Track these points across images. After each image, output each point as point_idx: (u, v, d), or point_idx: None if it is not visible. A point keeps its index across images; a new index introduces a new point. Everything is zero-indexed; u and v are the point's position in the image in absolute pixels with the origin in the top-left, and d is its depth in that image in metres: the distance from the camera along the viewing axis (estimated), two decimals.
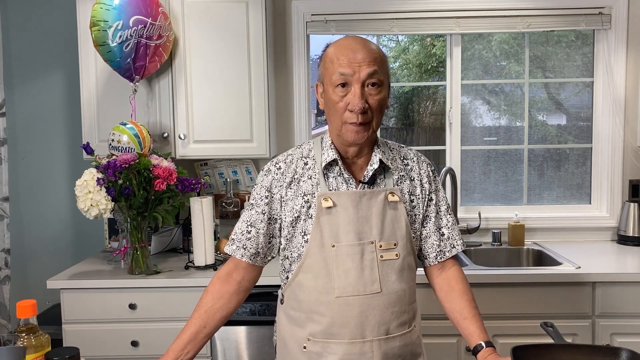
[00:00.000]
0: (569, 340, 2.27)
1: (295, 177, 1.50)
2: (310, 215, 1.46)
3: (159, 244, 2.83)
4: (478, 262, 2.68)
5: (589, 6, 2.92)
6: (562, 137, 3.14)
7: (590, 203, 3.11)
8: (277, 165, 1.54)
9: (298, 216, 1.47)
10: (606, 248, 2.85)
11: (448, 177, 2.94)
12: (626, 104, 2.96)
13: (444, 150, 3.12)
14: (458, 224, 2.94)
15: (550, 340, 1.44)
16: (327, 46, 1.49)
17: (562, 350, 1.37)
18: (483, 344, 1.41)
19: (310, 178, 1.50)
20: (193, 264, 2.53)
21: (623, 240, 2.91)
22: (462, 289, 1.54)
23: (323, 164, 1.49)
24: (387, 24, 2.97)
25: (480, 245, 2.93)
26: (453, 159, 3.10)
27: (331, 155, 1.48)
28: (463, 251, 2.77)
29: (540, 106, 3.14)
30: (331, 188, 1.48)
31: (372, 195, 1.47)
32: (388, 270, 1.45)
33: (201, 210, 2.46)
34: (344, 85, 1.41)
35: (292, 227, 1.49)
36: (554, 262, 2.59)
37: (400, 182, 1.52)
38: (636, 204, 2.88)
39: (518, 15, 2.94)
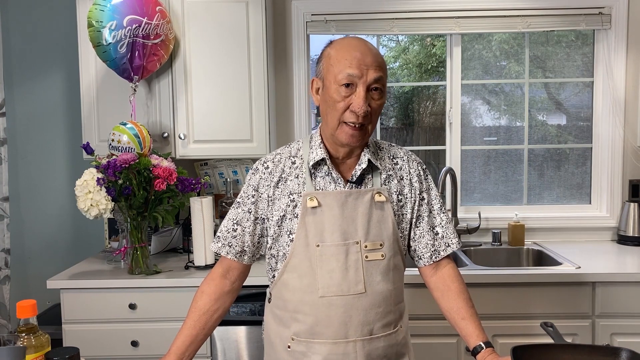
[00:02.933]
0: (569, 340, 2.27)
1: (283, 176, 1.50)
2: (295, 215, 1.46)
3: (159, 244, 2.83)
4: (478, 262, 2.68)
5: (589, 6, 2.92)
6: (562, 137, 3.14)
7: (590, 203, 3.11)
8: (265, 164, 1.54)
9: (284, 215, 1.47)
10: (606, 248, 2.85)
11: (448, 177, 2.94)
12: (626, 104, 2.96)
13: (444, 150, 3.12)
14: (458, 224, 2.96)
15: (550, 340, 1.44)
16: (330, 43, 1.48)
17: (562, 350, 1.37)
18: (482, 345, 1.41)
19: (297, 177, 1.49)
20: (193, 264, 2.53)
21: (623, 240, 2.91)
22: (458, 288, 1.53)
23: (310, 163, 1.48)
24: (387, 24, 2.97)
25: (480, 245, 2.93)
26: (453, 159, 3.10)
27: (320, 154, 1.48)
28: (463, 251, 2.78)
29: (540, 106, 3.14)
30: (318, 187, 1.48)
31: (358, 195, 1.46)
32: (373, 271, 1.44)
33: (201, 210, 2.46)
34: (348, 85, 1.39)
35: (279, 226, 1.49)
36: (554, 262, 2.58)
37: (388, 182, 1.51)
38: (636, 204, 2.88)
39: (518, 15, 2.94)
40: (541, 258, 2.78)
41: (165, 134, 2.68)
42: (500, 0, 2.93)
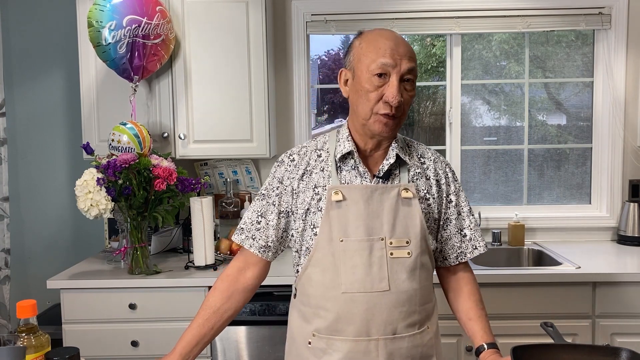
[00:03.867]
0: (569, 340, 2.27)
1: (308, 169, 1.48)
2: (319, 208, 1.43)
3: (159, 244, 2.83)
4: (478, 262, 2.68)
5: (589, 6, 2.92)
6: (562, 137, 3.14)
7: (590, 203, 3.11)
8: (290, 157, 1.52)
9: (308, 208, 1.45)
10: (606, 248, 2.85)
11: None
12: (626, 104, 2.96)
13: (444, 150, 3.12)
14: None
15: (550, 340, 1.44)
16: (360, 34, 1.46)
17: (562, 350, 1.37)
18: (485, 346, 1.42)
19: (323, 170, 1.46)
20: (193, 264, 2.53)
21: (623, 240, 2.90)
22: (471, 290, 1.53)
23: (338, 156, 1.45)
24: (387, 24, 2.96)
25: None
26: (453, 159, 3.10)
27: (347, 146, 1.44)
28: None
29: (540, 106, 3.14)
30: (344, 181, 1.45)
31: (384, 191, 1.42)
32: (398, 269, 1.40)
33: (201, 210, 2.46)
34: (381, 75, 1.37)
35: (303, 220, 1.46)
36: (554, 262, 2.58)
37: (416, 179, 1.48)
38: (636, 204, 2.88)
39: (518, 15, 2.94)
40: (541, 258, 2.78)
41: (165, 134, 2.68)
42: (500, 0, 2.93)
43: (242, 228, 1.53)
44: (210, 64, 2.66)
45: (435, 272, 1.59)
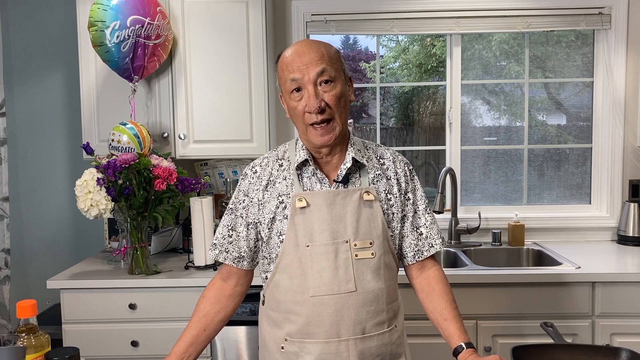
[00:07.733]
0: (569, 340, 2.27)
1: (271, 179, 1.53)
2: (285, 216, 1.48)
3: (159, 244, 2.83)
4: (478, 262, 2.68)
5: (589, 6, 2.92)
6: (562, 137, 3.14)
7: (590, 203, 3.11)
8: (253, 169, 1.57)
9: (274, 217, 1.49)
10: (606, 248, 2.85)
11: (448, 177, 2.94)
12: (626, 104, 2.96)
13: (444, 150, 3.12)
14: (458, 224, 2.96)
15: (550, 340, 1.45)
16: (278, 58, 1.52)
17: (562, 350, 1.37)
18: (463, 345, 1.42)
19: (285, 179, 1.51)
20: (193, 264, 2.53)
21: (623, 240, 2.90)
22: (443, 290, 1.54)
23: (295, 165, 1.50)
24: (387, 24, 2.97)
25: (480, 245, 2.93)
26: (453, 159, 3.10)
27: (302, 155, 1.50)
28: (463, 251, 2.78)
29: (540, 106, 3.14)
30: (305, 188, 1.49)
31: (346, 195, 1.47)
32: (363, 269, 1.45)
33: (201, 210, 2.47)
34: (298, 90, 1.43)
35: (269, 228, 1.50)
36: (553, 262, 2.58)
37: (377, 181, 1.52)
38: (636, 204, 2.88)
39: (518, 15, 2.94)
40: (541, 258, 2.78)
41: (165, 134, 2.68)
42: (500, 0, 2.93)
43: (214, 244, 1.59)
44: (211, 63, 2.66)
45: (404, 273, 1.62)
